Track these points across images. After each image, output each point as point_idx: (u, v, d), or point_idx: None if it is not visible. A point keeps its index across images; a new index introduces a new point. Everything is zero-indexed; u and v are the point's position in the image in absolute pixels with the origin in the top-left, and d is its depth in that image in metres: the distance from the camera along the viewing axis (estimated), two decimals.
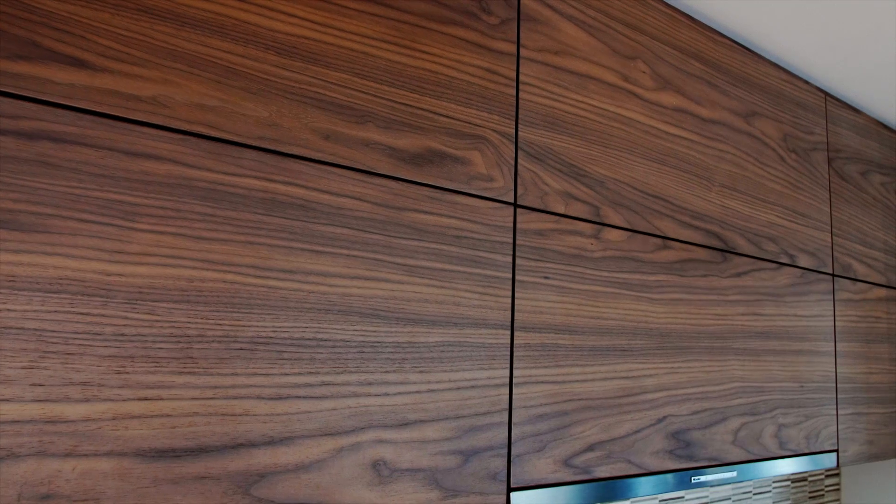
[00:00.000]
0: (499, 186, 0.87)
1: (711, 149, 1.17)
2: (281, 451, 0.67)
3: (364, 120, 0.76)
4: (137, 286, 0.61)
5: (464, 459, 0.80)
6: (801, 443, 1.26)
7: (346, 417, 0.72)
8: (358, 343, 0.73)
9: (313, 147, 0.72)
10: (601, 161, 0.99)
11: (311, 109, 0.73)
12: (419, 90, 0.81)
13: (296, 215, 0.71)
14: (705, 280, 1.12)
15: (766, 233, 1.25)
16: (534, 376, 0.87)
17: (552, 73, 0.94)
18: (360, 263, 0.74)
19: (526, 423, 0.86)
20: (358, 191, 0.75)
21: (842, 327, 1.40)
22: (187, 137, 0.65)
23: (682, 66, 1.13)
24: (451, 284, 0.81)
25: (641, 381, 1.00)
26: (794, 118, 1.35)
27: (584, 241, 0.95)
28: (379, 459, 0.73)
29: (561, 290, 0.92)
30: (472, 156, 0.85)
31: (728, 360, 1.14)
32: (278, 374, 0.68)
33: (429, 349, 0.78)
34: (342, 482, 0.71)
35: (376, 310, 0.75)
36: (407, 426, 0.76)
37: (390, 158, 0.78)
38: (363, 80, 0.77)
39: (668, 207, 1.08)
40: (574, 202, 0.95)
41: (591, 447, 0.92)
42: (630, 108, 1.04)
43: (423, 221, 0.79)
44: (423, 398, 0.77)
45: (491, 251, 0.85)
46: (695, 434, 1.06)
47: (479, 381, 0.82)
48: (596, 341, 0.95)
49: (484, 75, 0.87)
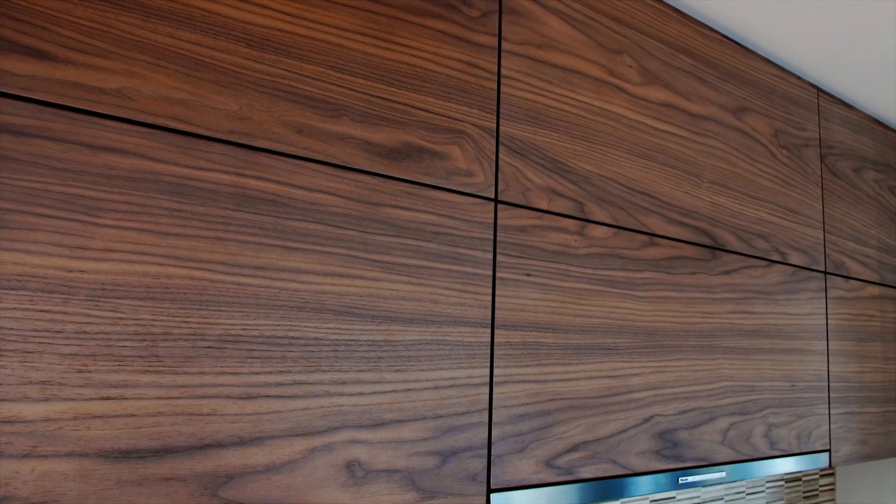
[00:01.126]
0: (479, 182, 0.85)
1: (700, 144, 1.15)
2: (251, 452, 0.66)
3: (339, 114, 0.75)
4: (100, 283, 0.60)
5: (442, 460, 0.78)
6: (792, 443, 1.24)
7: (318, 417, 0.70)
8: (331, 341, 0.72)
9: (286, 141, 0.71)
10: (586, 156, 0.97)
11: (284, 103, 0.71)
12: (396, 84, 0.79)
13: (267, 211, 0.69)
14: (693, 277, 1.10)
15: (756, 230, 1.24)
16: (515, 375, 0.86)
17: (535, 67, 0.93)
18: (335, 260, 0.73)
19: (507, 422, 0.84)
20: (332, 186, 0.73)
21: (834, 325, 1.39)
22: (154, 131, 0.64)
23: (670, 60, 1.11)
24: (429, 282, 0.79)
25: (627, 381, 0.98)
26: (785, 114, 1.34)
27: (567, 237, 0.94)
28: (353, 460, 0.72)
29: (543, 288, 0.90)
30: (452, 150, 0.83)
31: (717, 359, 1.12)
32: (248, 372, 0.66)
33: (406, 347, 0.77)
34: (315, 483, 0.69)
35: (351, 307, 0.73)
36: (382, 426, 0.74)
37: (366, 153, 0.76)
38: (338, 73, 0.75)
39: (655, 204, 1.06)
40: (557, 198, 0.93)
41: (575, 447, 0.91)
42: (616, 102, 1.02)
43: (400, 217, 0.78)
44: (400, 397, 0.76)
45: (470, 248, 0.83)
46: (682, 434, 1.05)
47: (457, 380, 0.81)
48: (580, 340, 0.93)
49: (464, 69, 0.85)
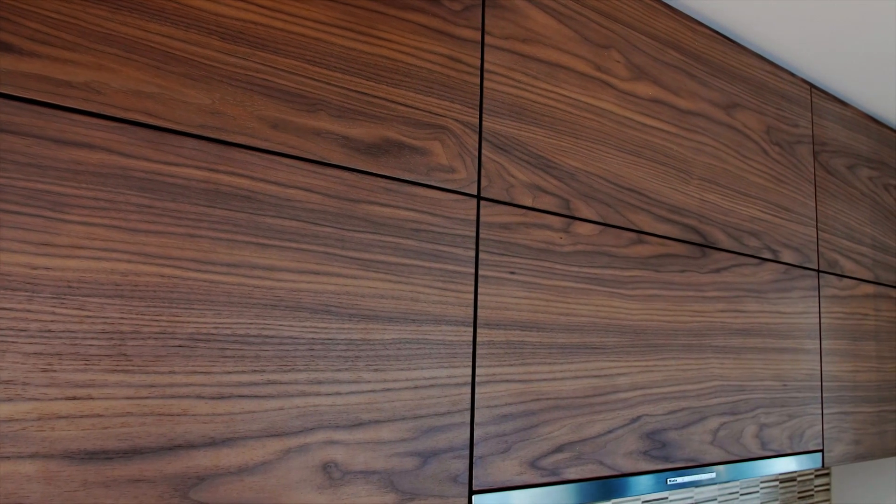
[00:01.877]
0: (461, 178, 0.84)
1: (690, 141, 1.13)
2: (223, 453, 0.65)
3: (315, 108, 0.73)
4: (66, 280, 0.58)
5: (422, 461, 0.77)
6: (784, 443, 1.23)
7: (293, 417, 0.69)
8: (307, 340, 0.70)
9: (260, 136, 0.69)
10: (572, 152, 0.96)
11: (258, 97, 0.70)
12: (375, 78, 0.78)
13: (240, 207, 0.68)
14: (683, 276, 1.09)
15: (747, 227, 1.22)
16: (498, 375, 0.84)
17: (519, 62, 0.91)
18: (311, 257, 0.71)
19: (490, 423, 0.83)
20: (308, 182, 0.72)
21: (827, 324, 1.37)
22: (123, 125, 0.62)
23: (659, 55, 1.10)
24: (409, 279, 0.78)
25: (614, 380, 0.97)
26: (777, 110, 1.32)
27: (552, 234, 0.92)
28: (330, 461, 0.71)
29: (528, 286, 0.89)
30: (433, 146, 0.82)
31: (707, 359, 1.11)
32: (220, 372, 0.65)
33: (384, 346, 0.75)
34: (290, 485, 0.68)
35: (328, 305, 0.72)
36: (360, 427, 0.73)
37: (344, 148, 0.75)
38: (315, 67, 0.74)
39: (643, 201, 1.05)
40: (542, 195, 0.92)
41: (560, 448, 0.89)
42: (603, 98, 1.01)
43: (378, 214, 0.76)
44: (378, 397, 0.74)
45: (452, 245, 0.82)
46: (671, 434, 1.03)
47: (438, 379, 0.79)
48: (565, 339, 0.92)
49: (446, 63, 0.84)
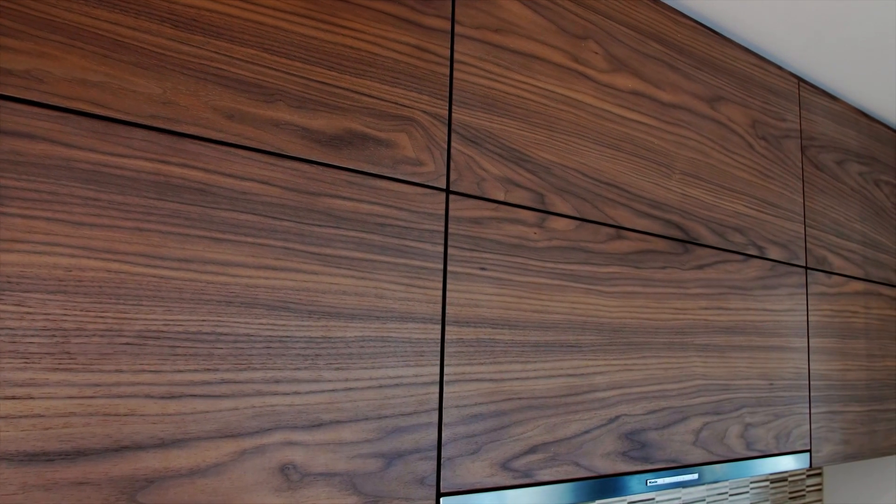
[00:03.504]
0: (429, 171, 0.81)
1: (672, 134, 1.11)
2: (173, 455, 0.62)
3: (274, 99, 0.71)
4: (5, 275, 0.56)
5: (386, 463, 0.75)
6: (770, 443, 1.20)
7: (249, 418, 0.67)
8: (264, 338, 0.68)
9: (214, 127, 0.67)
10: (546, 145, 0.93)
11: (213, 87, 0.67)
12: (338, 68, 0.76)
13: (193, 200, 0.65)
14: (664, 272, 1.06)
15: (732, 223, 1.20)
16: (468, 374, 0.82)
17: (491, 52, 0.89)
18: (268, 252, 0.69)
19: (459, 423, 0.81)
20: (266, 174, 0.70)
21: (815, 322, 1.34)
22: (67, 115, 0.60)
23: (640, 47, 1.07)
24: (373, 275, 0.76)
25: (591, 379, 0.94)
26: (763, 104, 1.29)
27: (526, 230, 0.90)
28: (288, 463, 0.68)
29: (499, 282, 0.86)
30: (399, 138, 0.79)
31: (689, 357, 1.08)
32: (170, 370, 0.63)
33: (346, 344, 0.73)
34: (245, 487, 0.66)
35: (286, 302, 0.70)
36: (321, 427, 0.71)
37: (304, 140, 0.72)
38: (273, 56, 0.71)
39: (622, 195, 1.02)
40: (515, 189, 0.89)
41: (534, 449, 0.87)
42: (580, 90, 0.99)
43: (340, 208, 0.74)
44: (340, 397, 0.72)
45: (419, 240, 0.80)
46: (651, 434, 1.01)
47: (404, 378, 0.77)
48: (539, 336, 0.89)
49: (413, 53, 0.82)
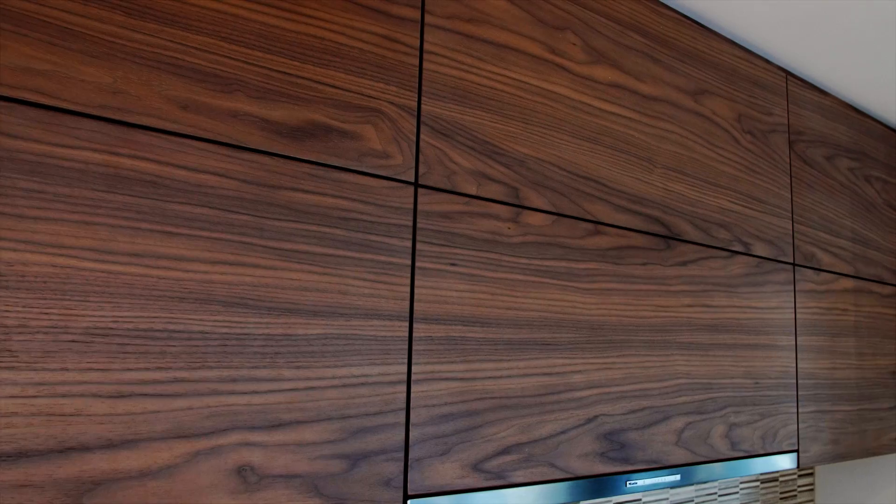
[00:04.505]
0: (396, 164, 0.79)
1: (653, 128, 1.09)
2: (122, 456, 0.60)
3: (231, 89, 0.69)
4: None
5: (350, 464, 0.72)
6: (755, 443, 1.18)
7: (204, 418, 0.64)
8: (220, 335, 0.66)
9: (168, 118, 0.65)
10: (521, 138, 0.91)
11: (167, 76, 0.65)
12: (300, 57, 0.73)
13: (144, 192, 0.63)
14: (645, 269, 1.04)
15: (716, 219, 1.17)
16: (437, 372, 0.80)
17: (464, 43, 0.87)
18: (224, 247, 0.67)
19: (427, 423, 0.78)
20: (222, 167, 0.68)
21: (804, 320, 1.32)
22: (10, 104, 0.58)
23: (620, 38, 1.05)
24: (337, 271, 0.73)
25: (568, 378, 0.92)
26: (750, 98, 1.27)
27: (499, 224, 0.88)
28: (245, 464, 0.66)
29: (471, 279, 0.84)
30: (365, 130, 0.77)
31: (671, 355, 1.06)
32: (119, 369, 0.61)
33: (308, 342, 0.71)
34: (199, 490, 0.63)
35: (243, 298, 0.67)
36: (280, 427, 0.68)
37: (263, 131, 0.70)
38: (232, 45, 0.69)
39: (600, 190, 1.00)
40: (488, 182, 0.87)
41: (507, 450, 0.85)
42: (557, 82, 0.96)
43: (302, 201, 0.72)
44: (301, 396, 0.70)
45: (386, 235, 0.77)
46: (631, 435, 0.99)
47: (369, 377, 0.75)
48: (513, 334, 0.87)
49: (380, 43, 0.79)
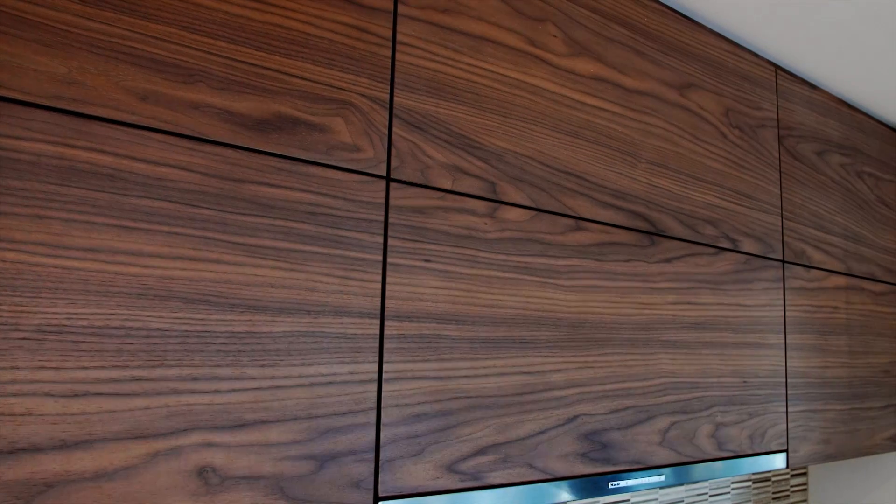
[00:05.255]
0: (367, 158, 0.77)
1: (637, 122, 1.07)
2: (76, 457, 0.58)
3: (194, 80, 0.67)
4: None
5: (318, 465, 0.71)
6: (743, 443, 1.16)
7: (163, 418, 0.63)
8: (180, 333, 0.64)
9: (126, 109, 0.63)
10: (499, 132, 0.89)
11: (125, 66, 0.63)
12: (267, 48, 0.72)
13: (101, 186, 0.61)
14: (628, 265, 1.02)
15: (702, 215, 1.15)
16: (410, 371, 0.78)
17: (438, 34, 0.85)
18: (185, 242, 0.65)
19: (399, 423, 0.77)
20: (183, 160, 0.66)
21: (793, 318, 1.30)
22: None
23: (603, 31, 1.03)
24: (304, 267, 0.72)
25: (547, 377, 0.90)
26: (738, 92, 1.25)
27: (476, 220, 0.86)
28: (206, 465, 0.64)
29: (446, 275, 0.82)
30: (334, 123, 0.75)
31: (655, 354, 1.04)
32: (73, 367, 0.59)
33: (273, 340, 0.69)
34: (157, 491, 0.62)
35: (205, 295, 0.66)
36: (244, 427, 0.67)
37: (227, 124, 0.68)
38: (194, 34, 0.67)
39: (582, 185, 0.98)
40: (464, 177, 0.85)
41: (483, 450, 0.83)
42: (537, 74, 0.94)
43: (268, 195, 0.70)
44: (265, 396, 0.68)
45: (356, 230, 0.75)
46: (613, 435, 0.97)
47: (338, 376, 0.73)
48: (490, 332, 0.85)
49: (351, 33, 0.77)
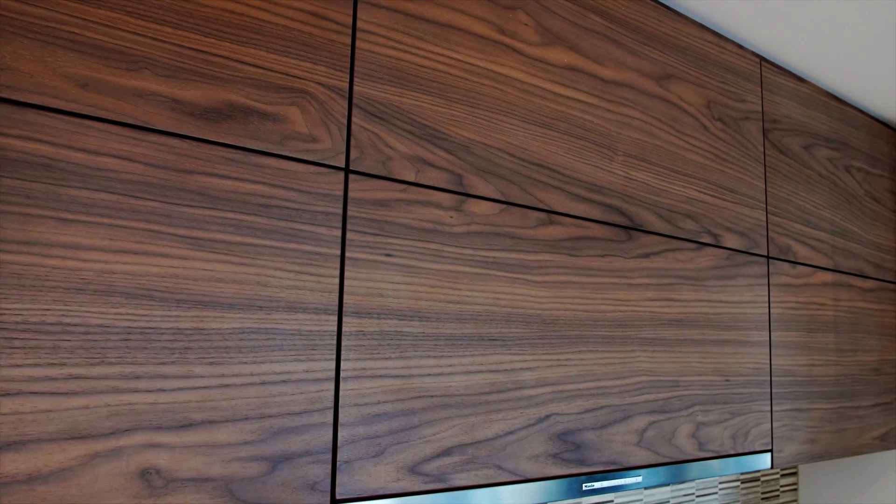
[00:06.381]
0: (325, 148, 0.75)
1: (614, 113, 1.04)
2: (7, 459, 0.56)
3: (138, 66, 0.64)
4: None
5: (270, 466, 0.68)
6: (725, 443, 1.13)
7: (103, 417, 0.60)
8: (122, 329, 0.62)
9: (65, 97, 0.61)
10: (466, 123, 0.87)
11: (63, 52, 0.61)
12: (217, 34, 0.69)
13: (36, 176, 0.59)
14: (603, 261, 0.99)
15: (683, 209, 1.12)
16: (369, 369, 0.75)
17: (402, 21, 0.82)
18: (128, 235, 0.63)
19: (358, 423, 0.74)
20: (126, 149, 0.63)
21: (779, 315, 1.27)
22: None
23: (577, 20, 1.01)
24: (256, 261, 0.69)
25: (517, 375, 0.88)
26: (720, 83, 1.22)
27: (441, 213, 0.83)
28: (150, 467, 0.62)
29: (409, 270, 0.79)
30: (289, 112, 0.73)
31: (632, 351, 1.01)
32: (5, 365, 0.56)
33: (223, 337, 0.67)
34: (96, 494, 0.59)
35: (149, 290, 0.63)
36: (190, 428, 0.64)
37: (173, 112, 0.66)
38: (138, 20, 0.65)
39: (555, 178, 0.95)
40: (428, 169, 0.83)
41: (448, 451, 0.80)
42: (507, 64, 0.92)
43: (217, 187, 0.68)
44: (214, 394, 0.66)
45: (312, 223, 0.73)
46: (587, 435, 0.94)
47: (292, 374, 0.70)
48: (455, 329, 0.83)
49: (308, 20, 0.75)
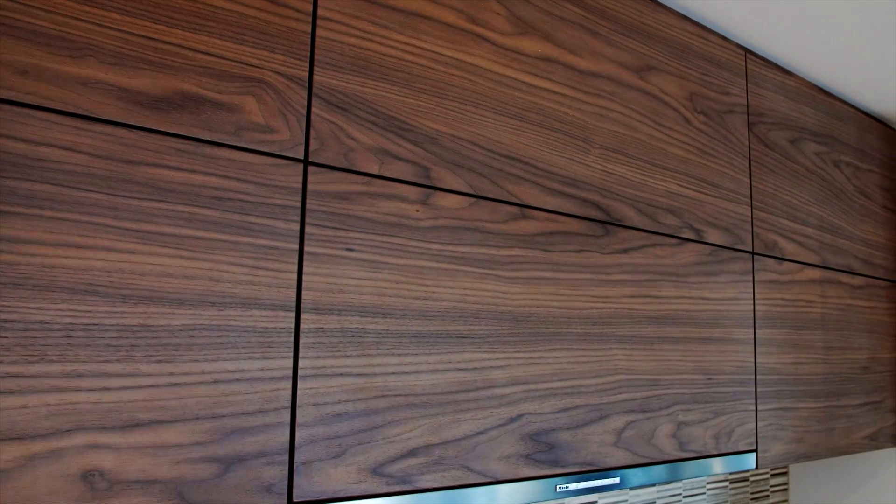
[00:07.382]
0: (282, 139, 0.72)
1: (591, 105, 1.01)
2: None
3: (83, 54, 0.62)
4: None
5: (223, 468, 0.66)
6: (707, 443, 1.10)
7: (42, 418, 0.58)
8: (63, 326, 0.59)
9: (4, 85, 0.58)
10: (434, 114, 0.84)
11: (2, 38, 0.59)
12: (167, 21, 0.67)
13: None
14: (579, 256, 0.97)
15: (663, 203, 1.10)
16: (329, 367, 0.73)
17: (365, 9, 0.80)
18: (71, 228, 0.60)
19: (317, 423, 0.72)
20: (68, 139, 0.61)
21: (764, 312, 1.25)
22: None
23: (552, 9, 0.98)
24: (208, 256, 0.67)
25: (487, 374, 0.85)
26: (703, 76, 1.20)
27: (406, 207, 0.81)
28: (93, 469, 0.60)
29: (371, 265, 0.77)
30: (244, 102, 0.70)
31: (610, 350, 0.99)
32: None
33: (172, 334, 0.64)
34: (35, 497, 0.57)
35: (93, 285, 0.61)
36: (137, 428, 0.62)
37: (120, 101, 0.64)
38: (82, 5, 0.63)
39: (528, 171, 0.93)
40: (393, 161, 0.80)
41: (413, 452, 0.78)
42: (477, 53, 0.89)
43: (166, 179, 0.65)
44: (162, 393, 0.63)
45: (268, 217, 0.71)
46: (562, 435, 0.92)
47: (246, 372, 0.68)
48: (421, 326, 0.80)
49: (265, 6, 0.73)
